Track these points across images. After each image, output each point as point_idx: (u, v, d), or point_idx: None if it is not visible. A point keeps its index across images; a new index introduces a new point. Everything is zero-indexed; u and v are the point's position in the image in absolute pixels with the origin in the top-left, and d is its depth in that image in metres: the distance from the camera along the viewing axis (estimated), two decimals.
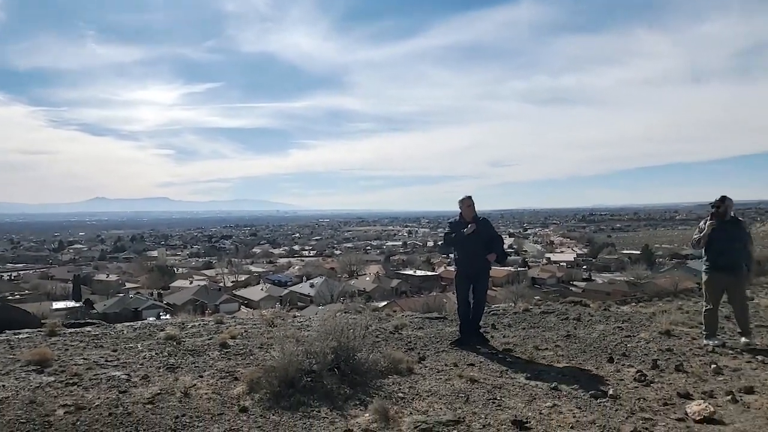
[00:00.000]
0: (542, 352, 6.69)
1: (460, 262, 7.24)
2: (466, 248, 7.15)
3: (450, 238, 7.27)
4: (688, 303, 11.91)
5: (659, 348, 6.72)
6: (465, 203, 7.18)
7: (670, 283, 47.65)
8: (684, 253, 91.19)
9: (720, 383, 5.32)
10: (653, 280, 53.44)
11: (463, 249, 7.18)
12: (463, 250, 7.19)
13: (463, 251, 7.20)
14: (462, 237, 7.09)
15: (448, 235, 7.31)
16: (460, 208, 7.22)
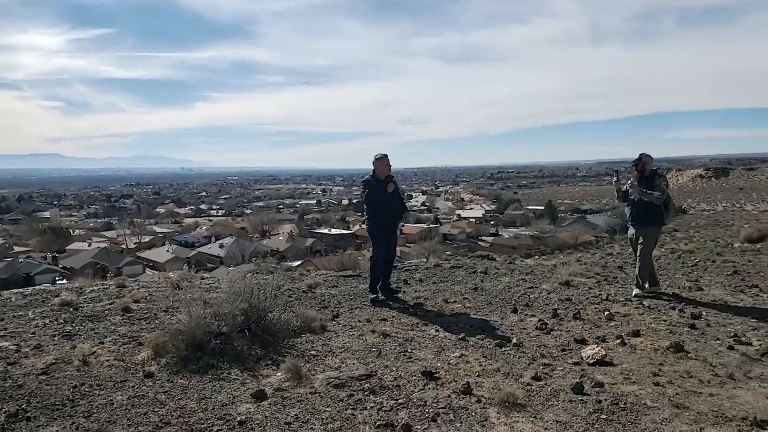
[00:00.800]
0: (451, 305, 6.91)
1: (383, 221, 7.18)
2: (388, 207, 7.14)
3: (374, 196, 7.09)
4: (586, 255, 12.71)
5: (559, 298, 7.14)
6: (383, 161, 7.14)
7: (571, 236, 50.79)
8: (584, 208, 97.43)
9: (612, 328, 5.73)
10: (556, 234, 56.69)
11: (384, 207, 7.13)
12: (385, 209, 7.14)
13: (385, 210, 7.14)
14: (386, 195, 7.08)
15: (371, 194, 7.09)
16: (376, 166, 7.13)
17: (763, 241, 12.53)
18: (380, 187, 7.08)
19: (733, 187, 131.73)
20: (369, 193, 7.10)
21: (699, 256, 10.38)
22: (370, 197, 7.10)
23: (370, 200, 7.11)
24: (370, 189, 7.10)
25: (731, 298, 6.93)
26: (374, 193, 7.07)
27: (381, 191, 7.07)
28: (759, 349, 4.87)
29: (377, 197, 7.07)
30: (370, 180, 7.15)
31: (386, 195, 7.09)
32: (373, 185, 7.11)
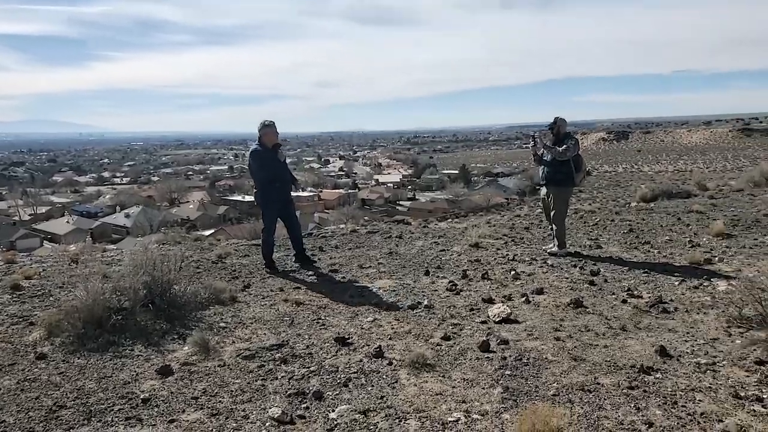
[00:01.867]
0: (366, 270, 6.94)
1: (276, 190, 6.91)
2: (281, 176, 6.92)
3: (267, 167, 6.78)
4: (496, 217, 13.12)
5: (469, 259, 7.34)
6: (272, 129, 6.83)
7: (483, 199, 52.49)
8: (495, 172, 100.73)
9: (517, 287, 5.97)
10: (469, 197, 58.38)
11: (279, 178, 6.89)
12: (280, 179, 6.90)
13: (280, 180, 6.91)
14: (279, 164, 6.84)
15: (265, 165, 6.78)
16: (264, 134, 6.79)
17: (656, 200, 13.44)
18: (272, 156, 6.77)
19: (632, 150, 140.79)
20: (262, 163, 6.78)
21: (599, 216, 10.99)
22: (264, 168, 6.78)
23: (264, 171, 6.78)
24: (262, 159, 6.76)
25: (626, 255, 7.41)
26: (267, 163, 6.75)
27: (274, 160, 6.78)
28: (648, 301, 5.24)
29: (271, 167, 6.76)
30: (260, 149, 6.79)
31: (280, 164, 6.84)
32: (264, 155, 6.77)
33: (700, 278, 5.95)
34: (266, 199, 6.92)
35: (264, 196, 6.91)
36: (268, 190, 6.87)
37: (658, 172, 46.12)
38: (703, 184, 15.82)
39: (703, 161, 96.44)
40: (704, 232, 8.43)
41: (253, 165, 6.91)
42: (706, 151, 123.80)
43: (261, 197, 6.95)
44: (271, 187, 6.85)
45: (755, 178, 14.72)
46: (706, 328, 4.50)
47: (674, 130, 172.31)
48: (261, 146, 6.81)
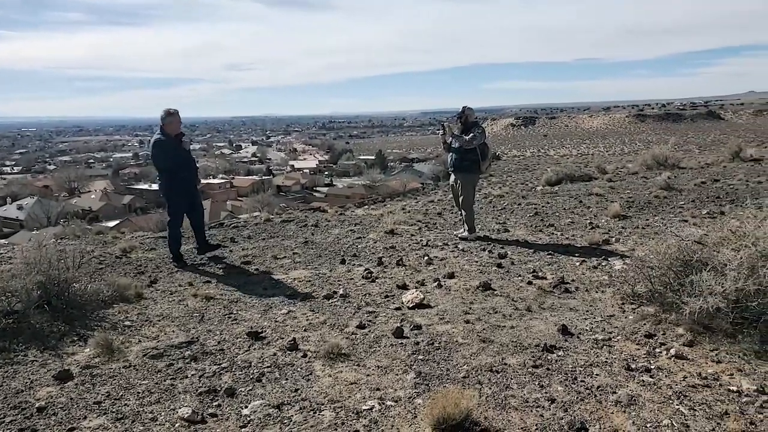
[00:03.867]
0: (281, 260, 6.84)
1: (185, 181, 6.71)
2: (188, 166, 6.72)
3: (174, 156, 6.52)
4: (411, 203, 13.33)
5: (384, 246, 7.42)
6: (176, 118, 6.57)
7: (400, 184, 53.19)
8: (411, 157, 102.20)
9: (430, 272, 6.11)
10: (386, 182, 58.93)
11: (186, 167, 6.69)
12: (187, 169, 6.71)
13: (187, 170, 6.71)
14: (185, 154, 6.65)
15: (171, 154, 6.50)
16: (169, 123, 6.51)
17: (560, 183, 14.16)
18: (176, 145, 6.56)
19: (539, 135, 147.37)
20: (166, 153, 6.51)
21: (507, 200, 11.44)
22: (171, 158, 6.52)
23: (171, 162, 6.52)
24: (166, 149, 6.50)
25: (532, 237, 7.76)
26: (171, 152, 6.50)
27: (180, 150, 6.58)
28: (551, 281, 5.53)
29: (175, 157, 6.53)
30: (163, 139, 6.50)
31: (185, 153, 6.66)
32: (168, 144, 6.51)
33: (599, 258, 6.35)
34: (172, 189, 6.66)
35: (169, 186, 6.65)
36: (174, 180, 6.61)
37: (563, 156, 48.66)
38: (602, 167, 16.86)
39: (604, 145, 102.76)
40: (603, 214, 8.98)
41: (157, 155, 6.58)
42: (606, 135, 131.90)
43: (166, 188, 6.68)
44: (177, 177, 6.61)
45: (648, 161, 15.85)
46: (603, 306, 4.81)
47: (577, 115, 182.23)
48: (164, 135, 6.52)
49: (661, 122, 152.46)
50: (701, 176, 12.64)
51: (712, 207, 9.00)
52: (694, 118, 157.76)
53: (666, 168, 14.79)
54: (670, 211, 9.04)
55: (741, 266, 3.80)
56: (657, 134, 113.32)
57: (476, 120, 7.82)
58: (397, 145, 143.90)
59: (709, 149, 39.70)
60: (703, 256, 4.22)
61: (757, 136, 78.90)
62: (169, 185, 6.64)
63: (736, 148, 16.39)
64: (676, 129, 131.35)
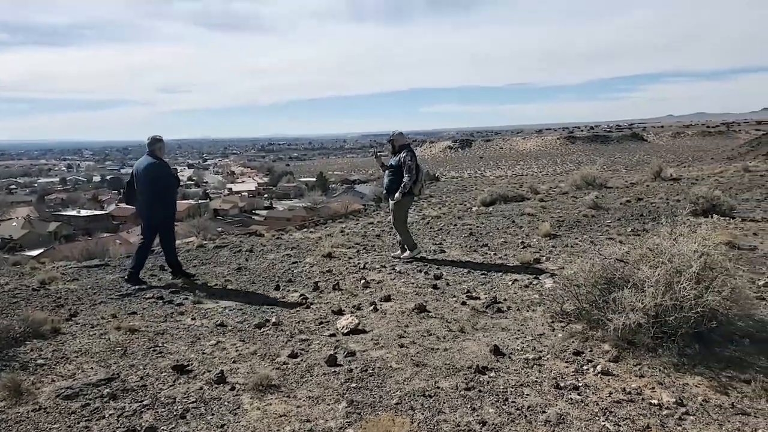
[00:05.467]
0: (212, 288, 6.61)
1: (173, 203, 7.17)
2: (174, 187, 7.14)
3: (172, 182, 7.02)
4: (350, 225, 13.27)
5: (321, 270, 7.32)
6: (164, 143, 7.09)
7: (341, 206, 53.03)
8: (352, 179, 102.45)
9: (367, 296, 6.06)
10: (328, 204, 58.66)
11: (171, 188, 7.08)
12: (171, 190, 7.11)
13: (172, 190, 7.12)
14: (174, 177, 7.09)
15: (171, 180, 6.96)
16: (157, 147, 6.93)
17: (495, 204, 14.50)
18: (169, 169, 7.02)
19: (475, 156, 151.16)
20: (160, 175, 6.83)
21: (444, 221, 11.58)
22: (161, 180, 6.84)
23: (162, 183, 6.85)
24: (163, 172, 6.87)
25: (467, 258, 7.86)
26: (164, 174, 6.88)
27: (174, 176, 7.07)
28: (484, 301, 5.59)
29: (169, 179, 6.95)
30: (159, 163, 6.87)
31: (174, 176, 7.09)
32: (162, 167, 6.88)
33: (530, 277, 6.49)
34: (166, 215, 7.04)
35: (163, 213, 7.00)
36: (168, 207, 7.04)
37: (499, 177, 50.04)
38: (535, 188, 17.40)
39: (537, 166, 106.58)
40: (534, 233, 9.24)
41: (154, 178, 6.80)
42: (538, 157, 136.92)
43: (160, 214, 6.97)
44: (167, 199, 7.00)
45: (577, 181, 16.50)
46: (534, 325, 4.90)
47: (511, 138, 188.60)
48: (157, 159, 6.89)
49: (590, 144, 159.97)
50: (626, 195, 13.27)
51: (637, 225, 9.42)
52: (620, 139, 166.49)
53: (594, 188, 15.43)
54: (597, 229, 9.40)
55: (658, 283, 3.96)
56: (586, 155, 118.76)
57: (406, 143, 7.95)
58: (339, 167, 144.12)
59: (635, 169, 41.78)
60: (625, 274, 4.37)
61: (676, 156, 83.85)
62: (162, 212, 6.97)
63: (658, 169, 17.32)
64: (604, 150, 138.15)
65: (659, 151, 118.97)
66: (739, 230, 8.46)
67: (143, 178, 6.81)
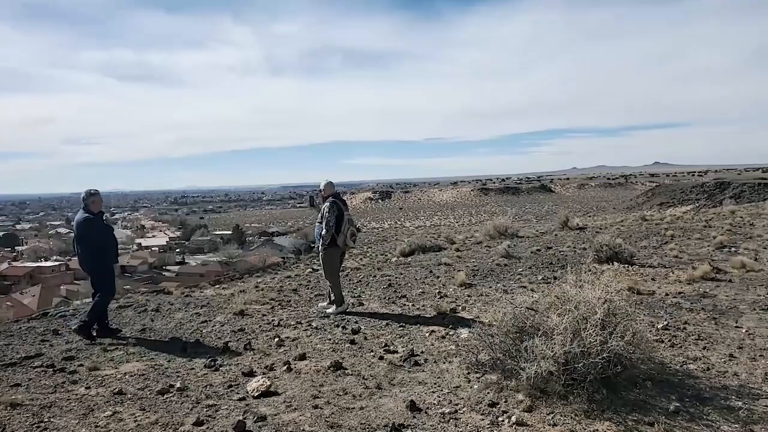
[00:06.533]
0: (111, 353, 6.10)
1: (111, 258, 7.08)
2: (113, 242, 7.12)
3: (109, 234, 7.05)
4: (266, 279, 12.89)
5: (232, 329, 6.98)
6: (99, 197, 7.04)
7: (259, 259, 51.78)
8: (271, 231, 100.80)
9: (280, 355, 5.80)
10: (244, 257, 57.10)
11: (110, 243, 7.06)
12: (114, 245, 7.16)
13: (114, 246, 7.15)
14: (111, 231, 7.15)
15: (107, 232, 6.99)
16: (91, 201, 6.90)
17: (413, 254, 14.65)
18: (104, 223, 7.02)
19: (395, 207, 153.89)
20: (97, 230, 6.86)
21: (363, 273, 11.52)
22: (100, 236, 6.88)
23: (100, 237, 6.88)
24: (98, 227, 6.88)
25: (385, 310, 7.80)
26: (101, 229, 6.90)
27: (107, 227, 7.06)
28: (402, 355, 5.51)
29: (106, 234, 6.96)
30: (93, 217, 6.87)
31: (111, 230, 7.15)
32: (98, 222, 6.90)
33: (447, 328, 6.50)
34: (104, 265, 6.96)
35: (100, 264, 6.93)
36: (104, 257, 6.94)
37: (418, 227, 51.15)
38: (451, 238, 17.79)
39: (453, 216, 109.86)
40: (451, 283, 9.35)
41: (89, 234, 6.82)
42: (455, 207, 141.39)
43: (96, 266, 6.92)
44: (105, 254, 6.94)
45: (491, 231, 17.04)
46: (450, 377, 4.86)
47: (429, 189, 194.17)
48: (92, 214, 6.89)
49: (502, 195, 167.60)
50: (537, 244, 13.83)
51: (547, 273, 9.79)
52: (530, 191, 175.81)
53: (507, 237, 15.98)
54: (510, 277, 9.67)
55: (567, 330, 4.06)
56: (499, 206, 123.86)
57: (335, 193, 8.00)
58: (256, 219, 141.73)
59: (544, 219, 44.03)
60: (536, 322, 4.46)
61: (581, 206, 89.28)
62: (99, 263, 6.91)
63: (565, 218, 18.27)
64: (516, 201, 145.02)
65: (566, 201, 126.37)
66: (639, 276, 8.98)
67: (78, 234, 6.89)
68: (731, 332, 5.89)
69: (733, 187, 74.48)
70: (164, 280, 44.88)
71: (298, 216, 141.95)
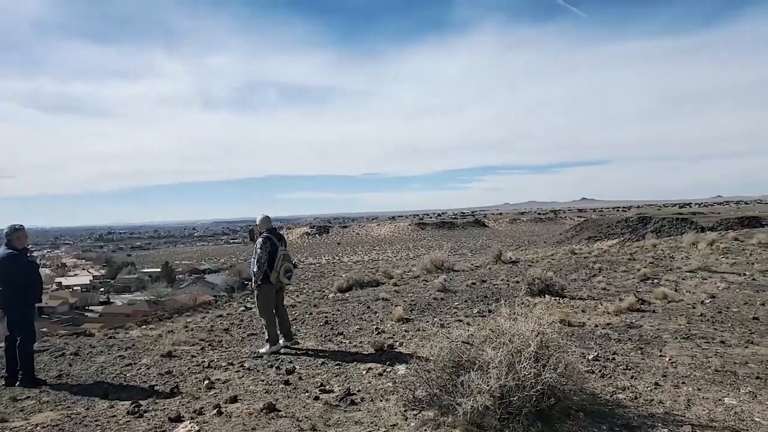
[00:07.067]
0: (22, 402, 5.63)
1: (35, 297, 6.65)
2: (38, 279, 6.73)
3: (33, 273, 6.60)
4: (196, 319, 12.41)
5: (159, 372, 6.61)
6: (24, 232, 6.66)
7: (189, 298, 49.85)
8: (202, 268, 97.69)
9: (210, 398, 5.53)
10: (174, 296, 54.82)
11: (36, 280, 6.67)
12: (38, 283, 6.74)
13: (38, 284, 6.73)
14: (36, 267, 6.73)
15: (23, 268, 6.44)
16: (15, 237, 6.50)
17: (351, 290, 14.51)
18: (28, 260, 6.59)
19: (332, 242, 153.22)
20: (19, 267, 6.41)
21: (299, 310, 11.27)
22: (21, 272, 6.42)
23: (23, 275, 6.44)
24: (22, 264, 6.45)
25: (321, 348, 7.62)
26: (24, 266, 6.47)
27: (32, 264, 6.66)
28: (338, 394, 5.36)
29: (31, 271, 6.57)
30: (16, 254, 6.44)
31: (36, 267, 6.75)
32: (21, 259, 6.46)
33: (384, 364, 6.41)
34: (26, 305, 6.55)
35: (27, 305, 6.57)
36: (27, 296, 6.52)
37: (356, 262, 50.98)
38: (389, 272, 17.80)
39: (391, 251, 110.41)
40: (388, 318, 9.29)
41: (11, 270, 6.39)
42: (392, 242, 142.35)
43: (20, 304, 6.48)
44: (29, 292, 6.54)
45: (428, 265, 17.18)
46: (387, 415, 4.76)
47: (367, 224, 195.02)
48: (16, 250, 6.48)
49: (439, 229, 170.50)
50: (472, 278, 14.03)
51: (482, 306, 9.91)
52: (465, 225, 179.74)
53: (443, 271, 16.15)
54: (447, 311, 9.72)
55: (501, 363, 4.08)
56: (435, 240, 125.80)
57: (270, 228, 7.85)
58: (187, 256, 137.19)
59: (479, 252, 44.99)
60: (472, 356, 4.47)
61: (514, 240, 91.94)
62: (22, 302, 6.49)
63: (498, 252, 18.71)
64: (451, 235, 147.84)
65: (499, 235, 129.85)
66: (570, 308, 9.24)
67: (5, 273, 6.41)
68: (656, 361, 6.11)
69: (654, 221, 79.03)
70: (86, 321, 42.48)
71: (232, 252, 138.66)
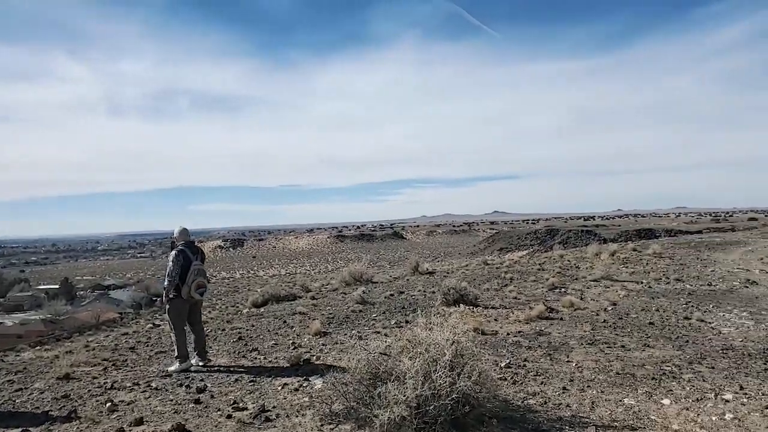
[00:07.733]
0: None
1: None
2: None
3: None
4: (99, 338, 11.64)
5: (55, 396, 6.11)
6: None
7: (92, 316, 46.81)
8: (106, 284, 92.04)
9: (113, 421, 5.17)
10: (74, 314, 51.26)
11: None
12: None
13: None
14: None
15: None
16: None
17: (266, 304, 14.16)
18: None
19: (248, 256, 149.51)
20: None
21: (212, 326, 10.84)
22: None
23: None
24: None
25: (235, 365, 7.35)
26: None
27: None
28: (252, 411, 5.19)
29: None
30: None
31: None
32: None
33: (300, 379, 6.28)
34: None
35: None
36: None
37: (272, 276, 49.96)
38: (307, 286, 17.57)
39: (309, 264, 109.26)
40: (306, 333, 9.13)
41: None
42: (311, 255, 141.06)
43: None
44: None
45: (346, 278, 17.13)
46: (303, 431, 4.65)
47: (284, 237, 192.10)
48: None
49: (358, 242, 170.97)
50: (390, 289, 14.12)
51: (399, 317, 9.97)
52: (383, 237, 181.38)
53: (362, 283, 16.15)
54: (365, 323, 9.70)
55: (418, 373, 4.10)
56: (354, 252, 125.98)
57: (189, 241, 7.63)
58: (90, 271, 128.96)
59: (397, 264, 45.45)
60: (389, 367, 4.46)
61: (430, 252, 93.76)
62: None
63: (415, 264, 18.97)
64: (370, 247, 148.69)
65: (416, 247, 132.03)
66: (483, 317, 9.50)
67: None
68: (564, 366, 6.39)
69: (561, 233, 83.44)
70: None
71: (139, 267, 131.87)
